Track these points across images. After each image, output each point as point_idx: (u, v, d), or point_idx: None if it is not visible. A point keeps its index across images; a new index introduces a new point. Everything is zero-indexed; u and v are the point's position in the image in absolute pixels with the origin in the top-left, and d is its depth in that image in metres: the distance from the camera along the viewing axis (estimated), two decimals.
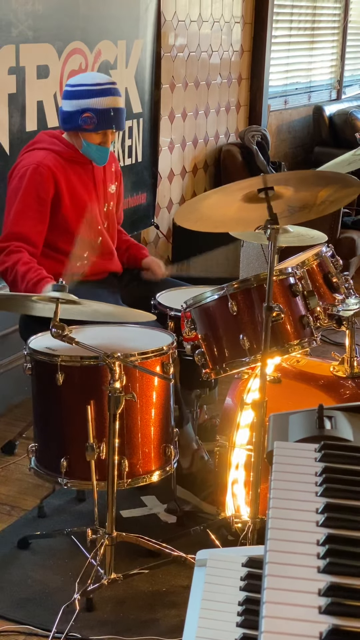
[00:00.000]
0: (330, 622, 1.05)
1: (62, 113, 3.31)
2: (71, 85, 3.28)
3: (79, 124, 3.24)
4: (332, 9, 7.40)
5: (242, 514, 2.84)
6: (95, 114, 3.22)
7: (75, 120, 3.24)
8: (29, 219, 3.18)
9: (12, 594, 2.73)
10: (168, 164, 5.32)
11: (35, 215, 3.19)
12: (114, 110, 3.24)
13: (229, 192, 2.61)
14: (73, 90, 3.26)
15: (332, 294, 3.06)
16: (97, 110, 3.22)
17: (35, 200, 3.19)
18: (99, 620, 2.61)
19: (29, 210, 3.18)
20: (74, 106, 3.24)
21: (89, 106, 3.22)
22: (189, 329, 2.88)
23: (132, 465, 2.75)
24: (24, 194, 3.18)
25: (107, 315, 2.81)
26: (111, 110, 3.24)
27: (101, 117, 3.23)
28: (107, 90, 3.25)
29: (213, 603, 1.53)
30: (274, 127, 6.58)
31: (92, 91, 3.23)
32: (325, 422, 1.52)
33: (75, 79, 3.31)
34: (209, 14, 5.48)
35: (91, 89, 3.23)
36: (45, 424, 2.85)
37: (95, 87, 3.24)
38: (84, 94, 3.23)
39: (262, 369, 2.58)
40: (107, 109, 3.23)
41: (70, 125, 3.28)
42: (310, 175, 2.80)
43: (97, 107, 3.22)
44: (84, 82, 3.27)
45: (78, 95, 3.24)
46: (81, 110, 3.23)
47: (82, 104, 3.23)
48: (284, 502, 1.29)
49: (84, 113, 3.22)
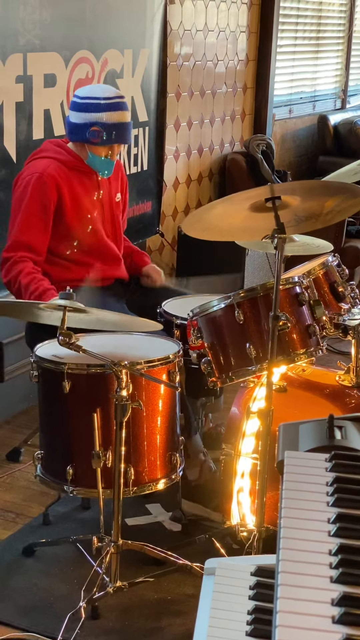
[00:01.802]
0: (343, 631, 1.06)
1: (70, 124, 3.31)
2: (80, 97, 3.28)
3: (87, 137, 3.25)
4: (337, 18, 7.43)
5: (247, 522, 2.84)
6: (104, 128, 3.22)
7: (83, 133, 3.25)
8: (33, 227, 3.19)
9: (18, 602, 2.73)
10: (173, 172, 5.33)
11: (40, 224, 3.20)
12: (121, 125, 3.25)
13: (236, 201, 2.62)
14: (82, 102, 3.25)
15: (338, 303, 3.07)
16: (106, 125, 3.22)
17: (39, 209, 3.20)
18: (104, 628, 2.61)
19: (33, 219, 3.20)
20: (82, 119, 3.25)
21: (98, 120, 3.22)
22: (195, 338, 2.88)
23: (138, 473, 2.75)
24: (28, 203, 3.20)
25: (113, 324, 2.81)
26: (119, 126, 3.24)
27: (109, 132, 3.23)
28: (115, 104, 3.25)
29: (222, 612, 1.53)
30: (279, 136, 6.60)
31: (100, 105, 3.23)
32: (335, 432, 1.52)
33: (84, 91, 3.31)
34: (214, 24, 5.50)
35: (100, 103, 3.23)
36: (51, 432, 2.85)
37: (104, 101, 3.24)
38: (93, 107, 3.23)
39: (268, 377, 2.58)
40: (115, 124, 3.23)
41: (78, 137, 3.28)
42: (317, 186, 2.81)
43: (105, 122, 3.22)
44: (93, 95, 3.26)
45: (86, 108, 3.24)
46: (90, 123, 3.23)
47: (91, 117, 3.23)
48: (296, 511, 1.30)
49: (92, 127, 3.22)
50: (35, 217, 3.20)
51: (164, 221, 5.25)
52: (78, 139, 3.29)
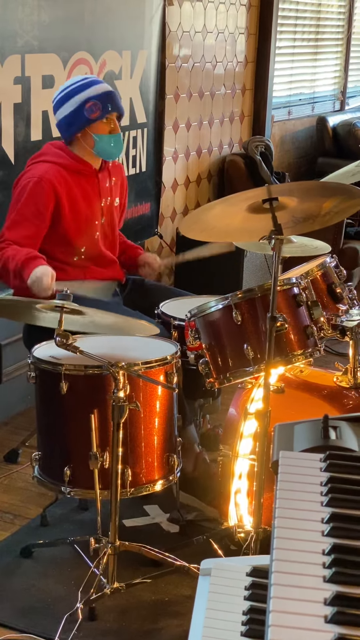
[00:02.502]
0: (335, 631, 1.06)
1: (63, 119, 3.30)
2: (58, 94, 3.31)
3: (85, 117, 3.25)
4: (336, 20, 7.43)
5: (244, 523, 2.84)
6: (98, 99, 3.24)
7: (81, 116, 3.25)
8: (23, 229, 3.19)
9: (15, 603, 2.73)
10: (172, 173, 5.33)
11: (30, 226, 3.20)
12: (111, 94, 3.28)
13: (233, 202, 2.62)
14: (64, 94, 3.28)
15: (335, 304, 3.07)
16: (98, 95, 3.25)
17: (32, 212, 3.19)
18: (101, 630, 2.61)
19: (24, 221, 3.20)
20: (74, 104, 3.26)
21: (89, 95, 3.24)
22: (193, 339, 2.88)
23: (135, 474, 2.75)
24: (23, 205, 3.20)
25: (110, 327, 2.81)
26: (109, 94, 3.27)
27: (104, 100, 3.25)
28: (95, 80, 3.32)
29: (217, 612, 1.53)
30: (278, 138, 6.60)
31: (84, 84, 3.27)
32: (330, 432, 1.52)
33: (59, 89, 3.34)
34: (213, 25, 5.51)
35: (82, 83, 3.28)
36: (48, 433, 2.86)
37: (84, 80, 3.30)
38: (78, 89, 3.26)
39: (266, 378, 2.58)
40: (105, 93, 3.27)
41: (78, 124, 3.27)
42: (315, 187, 2.81)
43: (97, 93, 3.25)
44: (70, 83, 3.31)
45: (72, 94, 3.26)
46: (83, 102, 3.24)
47: (81, 97, 3.25)
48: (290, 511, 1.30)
49: (87, 104, 3.24)
50: (26, 219, 3.19)
51: (163, 222, 5.26)
52: (78, 126, 3.27)
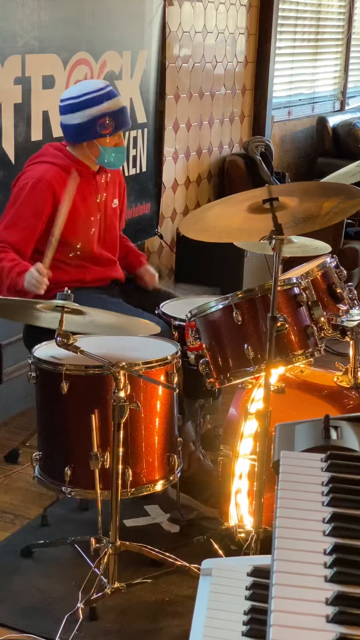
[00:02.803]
0: (337, 630, 1.06)
1: (71, 127, 3.27)
2: (73, 97, 3.26)
3: (97, 131, 3.24)
4: (336, 20, 7.43)
5: (245, 523, 2.84)
6: (111, 117, 3.23)
7: (92, 130, 3.24)
8: (20, 230, 3.19)
9: (15, 603, 2.73)
10: (172, 174, 5.33)
11: (27, 227, 3.19)
12: (123, 110, 3.29)
13: (233, 202, 2.62)
14: (78, 102, 3.24)
15: (336, 304, 3.06)
16: (112, 113, 3.24)
17: (30, 214, 3.19)
18: (102, 630, 2.61)
19: (21, 222, 3.19)
20: (86, 116, 3.23)
21: (103, 112, 3.23)
22: (194, 339, 2.88)
23: (136, 474, 2.75)
24: (21, 206, 3.19)
25: (111, 327, 2.81)
26: (122, 111, 3.28)
27: (117, 118, 3.25)
28: (111, 92, 3.29)
29: (218, 612, 1.53)
30: (278, 138, 6.60)
31: (100, 97, 3.24)
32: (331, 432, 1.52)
33: (74, 91, 3.30)
34: (213, 25, 5.51)
35: (99, 95, 3.24)
36: (49, 433, 2.86)
37: (100, 92, 3.26)
38: (94, 101, 3.23)
39: (266, 378, 2.58)
40: (119, 110, 3.26)
41: (86, 136, 3.26)
42: (315, 187, 2.81)
43: (110, 110, 3.24)
44: (86, 90, 3.26)
45: (87, 104, 3.23)
46: (97, 117, 3.23)
47: (95, 111, 3.23)
48: (291, 511, 1.30)
49: (100, 119, 3.23)
50: (23, 220, 3.19)
51: (163, 223, 5.26)
52: (86, 138, 3.27)
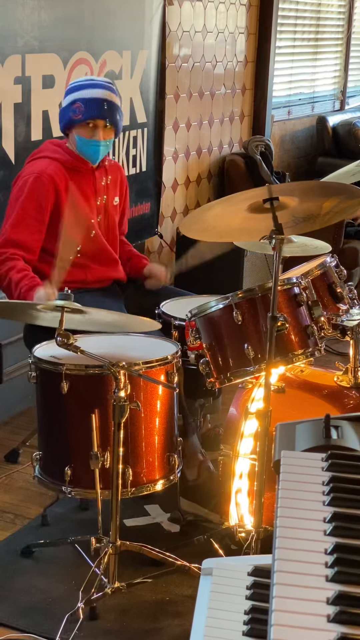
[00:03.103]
0: (338, 630, 1.06)
1: (60, 113, 3.35)
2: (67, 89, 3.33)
3: (70, 117, 3.26)
4: (336, 20, 7.43)
5: (245, 523, 2.84)
6: (83, 102, 3.23)
7: (67, 115, 3.27)
8: (27, 227, 3.19)
9: (16, 603, 2.73)
10: (172, 173, 5.33)
11: (34, 223, 3.20)
12: (104, 102, 3.24)
13: (234, 202, 2.62)
14: (68, 88, 3.31)
15: (336, 304, 3.06)
16: (85, 99, 3.23)
17: (35, 209, 3.19)
18: (102, 629, 2.61)
19: (28, 219, 3.19)
20: (67, 100, 3.28)
21: (79, 97, 3.24)
22: (194, 338, 2.88)
23: (136, 474, 2.75)
24: (24, 202, 3.19)
25: (112, 324, 2.81)
26: (102, 101, 3.24)
27: (89, 105, 3.23)
28: (99, 84, 3.29)
29: (219, 612, 1.53)
30: (278, 138, 6.60)
31: (83, 85, 3.27)
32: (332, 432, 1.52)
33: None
34: (213, 25, 5.51)
35: (83, 83, 3.28)
36: (49, 433, 2.86)
37: (88, 81, 3.30)
38: (76, 88, 3.27)
39: (266, 378, 2.58)
40: (96, 98, 3.24)
41: (64, 122, 3.30)
42: (315, 186, 2.81)
43: (86, 96, 3.24)
44: (77, 80, 3.33)
45: (71, 90, 3.28)
46: (71, 102, 3.26)
47: (73, 96, 3.26)
48: (292, 511, 1.30)
49: (74, 104, 3.25)
50: (29, 216, 3.19)
51: (163, 222, 5.26)
52: (64, 124, 3.30)
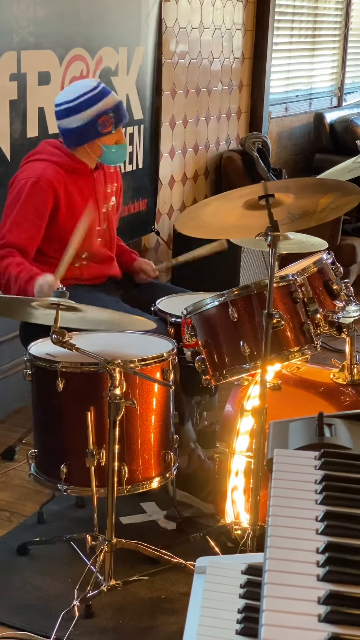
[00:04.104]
0: (329, 630, 1.05)
1: (70, 131, 3.24)
2: (67, 102, 3.24)
3: (99, 131, 3.23)
4: (333, 16, 7.42)
5: (241, 521, 2.84)
6: (110, 114, 3.22)
7: (93, 130, 3.22)
8: (24, 231, 3.18)
9: (12, 600, 2.73)
10: (169, 170, 5.33)
11: (31, 227, 3.19)
12: (120, 105, 3.27)
13: (229, 199, 2.61)
14: (75, 104, 3.22)
15: (332, 301, 3.05)
16: (110, 110, 3.22)
17: (32, 212, 3.18)
18: (98, 627, 2.61)
19: (25, 222, 3.18)
20: (85, 118, 3.21)
21: (100, 110, 3.21)
22: (189, 336, 2.88)
23: (132, 471, 2.75)
24: (22, 206, 3.18)
25: (106, 322, 2.81)
26: (119, 106, 3.26)
27: (117, 114, 3.24)
28: (105, 89, 3.27)
29: (213, 610, 1.53)
30: (275, 134, 6.59)
31: (95, 96, 3.22)
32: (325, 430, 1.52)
33: (67, 93, 3.27)
34: (210, 21, 5.50)
35: (93, 95, 3.22)
36: (45, 430, 2.85)
37: (94, 91, 3.24)
38: (89, 102, 3.21)
39: (262, 375, 2.58)
40: (116, 105, 3.25)
41: (88, 138, 3.24)
42: (311, 183, 2.80)
43: (107, 108, 3.22)
44: (80, 92, 3.24)
45: (83, 107, 3.21)
46: (95, 117, 3.21)
47: (94, 111, 3.21)
48: (284, 509, 1.29)
49: (100, 118, 3.21)
50: (27, 220, 3.18)
51: (160, 219, 5.25)
52: (88, 139, 3.24)
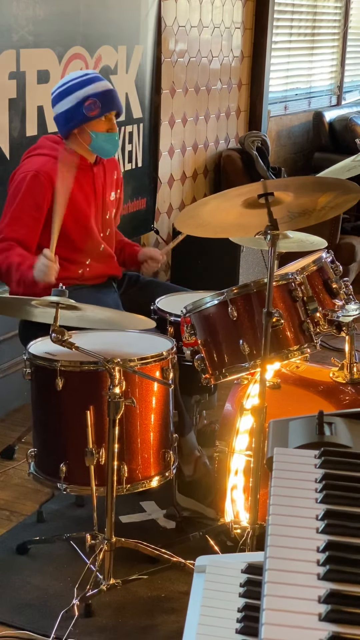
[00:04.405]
0: (330, 629, 1.05)
1: (61, 115, 3.27)
2: (58, 87, 3.28)
3: (84, 114, 3.22)
4: (333, 14, 7.41)
5: (241, 519, 2.84)
6: (98, 97, 3.21)
7: (79, 113, 3.22)
8: (24, 225, 3.18)
9: (11, 600, 2.73)
10: (168, 169, 5.32)
11: (31, 221, 3.19)
12: (111, 92, 3.26)
13: (229, 197, 2.61)
14: (64, 89, 3.25)
15: (331, 299, 3.05)
16: (99, 93, 3.22)
17: (31, 206, 3.18)
18: (97, 626, 2.61)
19: (24, 217, 3.18)
20: (73, 100, 3.23)
21: (89, 92, 3.21)
22: (189, 334, 2.87)
23: (132, 470, 2.75)
24: (22, 199, 3.18)
25: (106, 322, 2.80)
26: (109, 92, 3.25)
27: (104, 99, 3.23)
28: (96, 77, 3.28)
29: (212, 609, 1.52)
30: (274, 133, 6.59)
31: (85, 80, 3.24)
32: (325, 429, 1.52)
33: (60, 82, 3.31)
34: (209, 20, 5.49)
35: (83, 79, 3.25)
36: (44, 429, 2.85)
37: (85, 77, 3.26)
38: (79, 85, 3.23)
39: (262, 374, 2.57)
40: (105, 91, 3.24)
41: (75, 121, 3.24)
42: (310, 181, 2.80)
43: (97, 90, 3.22)
44: (71, 78, 3.27)
45: (72, 89, 3.23)
46: (82, 99, 3.21)
47: (81, 93, 3.22)
48: (284, 508, 1.29)
49: (86, 101, 3.21)
50: (26, 214, 3.18)
51: (159, 218, 5.25)
52: (76, 123, 3.24)
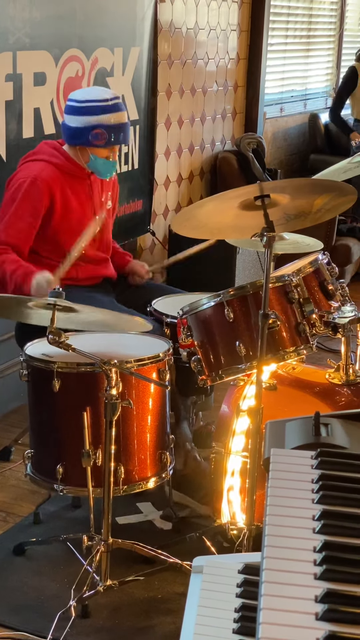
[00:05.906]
0: (326, 628, 1.06)
1: (69, 129, 3.28)
2: (77, 100, 3.27)
3: (89, 140, 3.24)
4: (328, 17, 7.43)
5: (237, 520, 2.84)
6: (106, 130, 3.23)
7: (85, 137, 3.24)
8: (19, 231, 3.19)
9: (8, 601, 2.73)
10: (164, 171, 5.33)
11: (26, 227, 3.20)
12: (123, 126, 3.27)
13: (225, 199, 2.62)
14: (81, 106, 3.25)
15: (327, 301, 3.06)
16: (108, 126, 3.23)
17: (28, 212, 3.19)
18: (94, 627, 2.61)
19: (20, 222, 3.19)
20: (83, 122, 3.23)
21: (100, 123, 3.22)
22: (185, 336, 2.88)
23: (128, 471, 2.75)
24: (18, 205, 3.19)
25: (102, 324, 2.81)
26: (121, 127, 3.26)
27: (111, 133, 3.24)
28: (115, 106, 3.27)
29: (210, 609, 1.53)
30: (270, 135, 6.60)
31: (101, 107, 3.23)
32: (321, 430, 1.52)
33: (81, 94, 3.31)
34: (205, 22, 5.50)
35: (100, 106, 3.24)
36: (41, 430, 2.85)
37: (103, 103, 3.25)
38: (93, 110, 3.23)
39: (258, 375, 2.58)
40: (117, 125, 3.25)
41: (79, 141, 3.26)
42: (307, 183, 2.81)
43: (107, 123, 3.23)
44: (91, 97, 3.26)
45: (86, 111, 3.23)
46: (91, 126, 3.22)
47: (92, 120, 3.23)
48: (281, 509, 1.30)
49: (95, 129, 3.22)
50: (22, 220, 3.19)
51: (155, 220, 5.25)
52: (79, 142, 3.27)
